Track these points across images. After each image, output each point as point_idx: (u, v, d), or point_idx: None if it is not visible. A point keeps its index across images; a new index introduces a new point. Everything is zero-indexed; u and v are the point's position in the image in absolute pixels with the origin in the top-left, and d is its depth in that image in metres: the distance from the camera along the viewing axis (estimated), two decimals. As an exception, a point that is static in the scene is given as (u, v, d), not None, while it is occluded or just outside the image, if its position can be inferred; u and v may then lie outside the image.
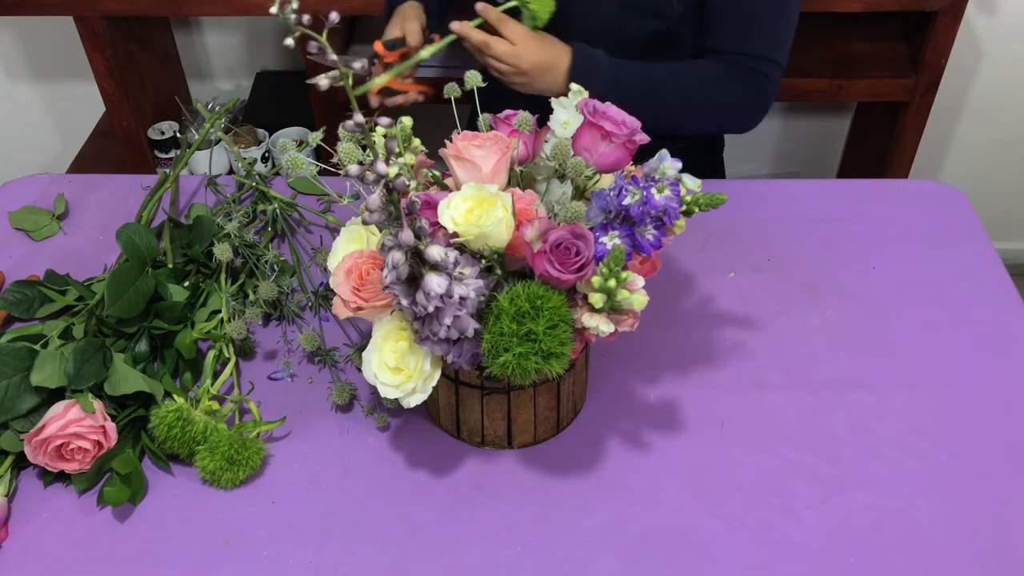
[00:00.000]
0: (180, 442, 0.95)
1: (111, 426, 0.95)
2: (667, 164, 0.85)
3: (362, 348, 1.07)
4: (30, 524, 0.94)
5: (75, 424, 0.93)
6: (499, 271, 0.86)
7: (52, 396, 0.97)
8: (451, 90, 0.99)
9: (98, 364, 0.98)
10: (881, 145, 2.00)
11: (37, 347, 0.99)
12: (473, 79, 0.99)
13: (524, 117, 0.95)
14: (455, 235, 0.83)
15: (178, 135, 2.03)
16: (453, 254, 0.78)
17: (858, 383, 1.06)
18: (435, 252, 0.76)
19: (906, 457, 0.99)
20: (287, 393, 1.06)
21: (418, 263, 0.78)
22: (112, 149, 2.09)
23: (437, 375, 0.88)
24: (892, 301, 1.16)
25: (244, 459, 0.95)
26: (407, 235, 0.75)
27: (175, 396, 0.99)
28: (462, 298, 0.79)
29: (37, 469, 0.98)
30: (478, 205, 0.83)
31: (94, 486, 0.97)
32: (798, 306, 1.15)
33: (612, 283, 0.80)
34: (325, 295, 1.14)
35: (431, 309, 0.78)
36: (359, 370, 1.08)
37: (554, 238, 0.81)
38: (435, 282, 0.77)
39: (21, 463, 0.98)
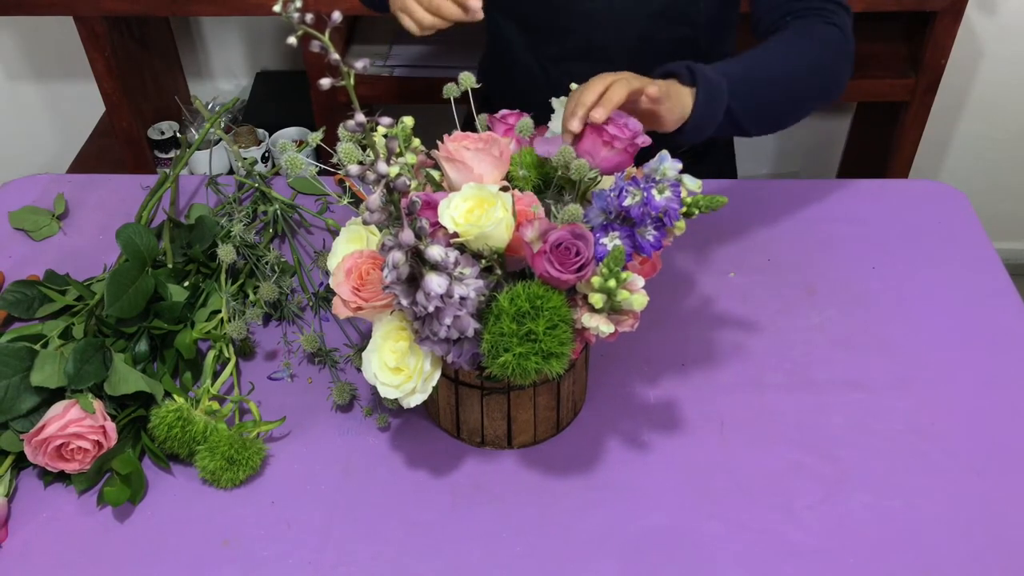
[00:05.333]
0: (180, 442, 0.95)
1: (111, 426, 0.95)
2: (667, 165, 0.84)
3: (362, 348, 1.07)
4: (30, 524, 0.94)
5: (75, 424, 0.93)
6: (499, 271, 0.86)
7: (52, 396, 0.97)
8: (450, 90, 0.99)
9: (98, 364, 0.98)
10: (881, 145, 2.00)
11: (37, 347, 0.99)
12: (467, 80, 0.99)
13: (526, 122, 0.95)
14: (455, 235, 0.83)
15: (178, 135, 2.03)
16: (453, 254, 0.78)
17: (857, 383, 1.06)
18: (435, 252, 0.76)
19: (905, 457, 0.99)
20: (287, 393, 1.06)
21: (418, 263, 0.78)
22: (112, 149, 2.09)
23: (437, 375, 0.88)
24: (891, 301, 1.16)
25: (244, 459, 0.95)
26: (407, 235, 0.75)
27: (175, 396, 0.99)
28: (462, 298, 0.79)
29: (37, 469, 0.98)
30: (478, 205, 0.83)
31: (94, 486, 0.97)
32: (798, 306, 1.15)
33: (612, 283, 0.80)
34: (325, 296, 1.14)
35: (431, 309, 0.79)
36: (359, 370, 1.08)
37: (554, 238, 0.81)
38: (435, 282, 0.77)
39: (21, 463, 0.98)
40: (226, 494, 0.96)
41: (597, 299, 0.82)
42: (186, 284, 1.11)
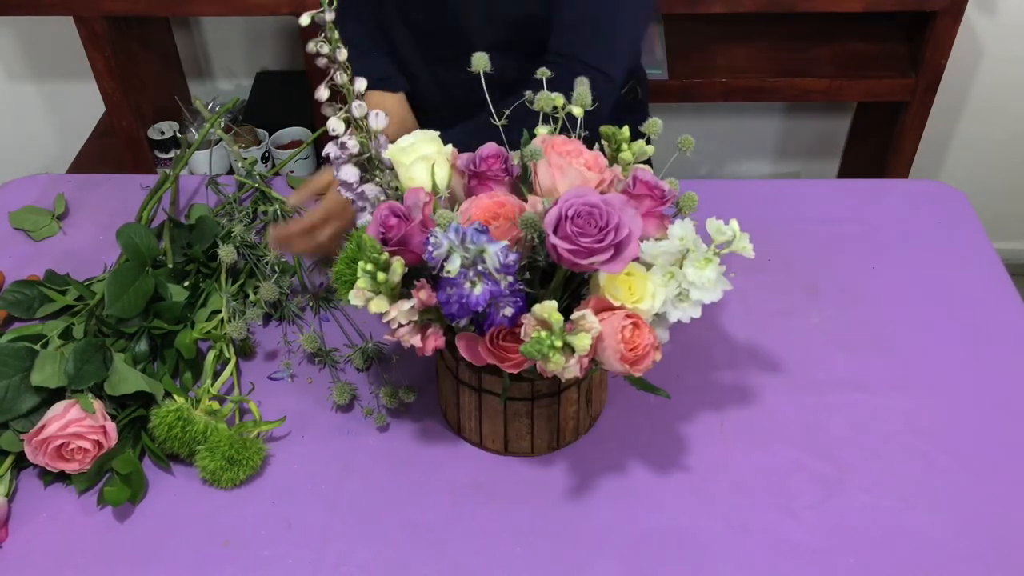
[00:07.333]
0: (180, 442, 0.95)
1: (111, 426, 0.95)
2: (492, 251, 0.76)
3: (362, 349, 1.07)
4: (30, 524, 0.94)
5: (75, 424, 0.93)
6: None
7: (52, 396, 0.97)
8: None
9: (98, 364, 0.98)
10: (881, 145, 2.00)
11: (37, 347, 1.00)
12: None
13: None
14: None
15: (178, 135, 2.03)
16: (352, 141, 0.91)
17: (857, 383, 1.06)
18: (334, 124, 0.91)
19: (905, 457, 0.99)
20: (287, 393, 1.06)
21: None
22: (112, 149, 2.09)
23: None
24: (892, 301, 1.16)
25: (244, 459, 0.95)
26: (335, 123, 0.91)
27: (175, 396, 0.99)
28: (360, 193, 0.92)
29: (37, 469, 0.98)
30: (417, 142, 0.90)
31: (94, 486, 0.97)
32: (798, 306, 1.16)
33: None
34: (325, 296, 1.14)
35: (349, 196, 0.93)
36: (359, 370, 1.08)
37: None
38: (347, 171, 0.91)
39: (21, 463, 0.98)
40: (226, 494, 0.96)
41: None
42: (186, 284, 1.11)
